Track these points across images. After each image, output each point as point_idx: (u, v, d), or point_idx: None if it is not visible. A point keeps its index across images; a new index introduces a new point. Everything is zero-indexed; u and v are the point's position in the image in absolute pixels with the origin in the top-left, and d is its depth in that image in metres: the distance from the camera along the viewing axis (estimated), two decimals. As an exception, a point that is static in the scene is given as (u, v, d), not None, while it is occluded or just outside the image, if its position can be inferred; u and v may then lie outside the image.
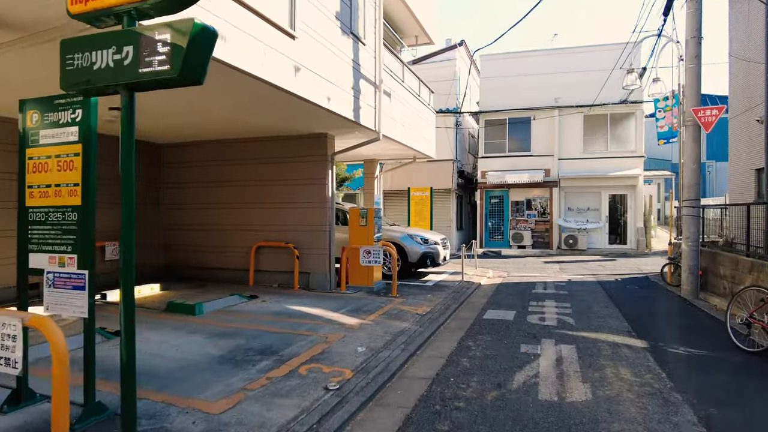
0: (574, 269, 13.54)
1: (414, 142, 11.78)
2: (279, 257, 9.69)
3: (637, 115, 17.87)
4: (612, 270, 13.27)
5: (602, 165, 17.95)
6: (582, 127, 18.39)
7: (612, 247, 18.19)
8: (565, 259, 16.00)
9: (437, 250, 10.92)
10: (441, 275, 11.68)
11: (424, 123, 12.82)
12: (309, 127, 8.90)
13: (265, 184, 9.92)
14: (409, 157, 13.57)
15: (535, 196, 19.08)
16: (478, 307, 8.18)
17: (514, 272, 13.04)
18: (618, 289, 10.04)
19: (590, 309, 7.93)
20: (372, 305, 7.88)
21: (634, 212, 17.94)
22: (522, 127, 19.13)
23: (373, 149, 11.91)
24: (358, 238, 9.33)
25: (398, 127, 10.39)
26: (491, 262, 15.65)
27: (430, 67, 20.08)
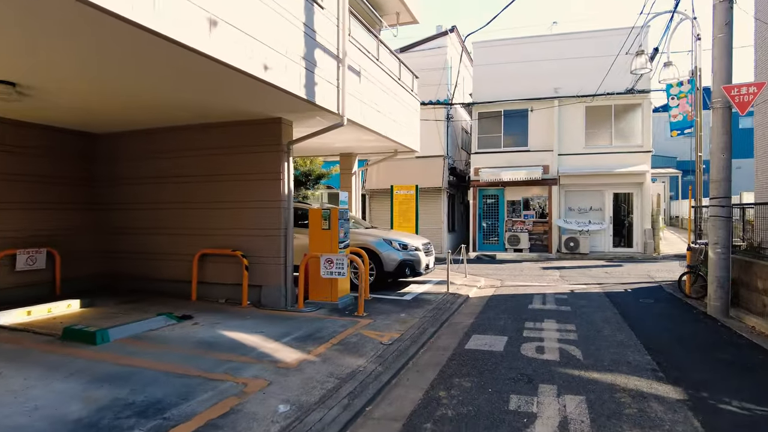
0: (577, 277, 11.99)
1: (394, 133, 10.22)
2: (227, 267, 8.11)
3: (644, 107, 16.34)
4: (619, 278, 11.73)
5: (606, 161, 16.41)
6: (584, 119, 16.85)
7: (617, 250, 16.65)
8: (565, 265, 14.45)
9: (418, 257, 9.36)
10: (424, 285, 10.11)
11: (407, 112, 11.25)
12: (259, 110, 7.34)
13: (209, 180, 8.35)
14: (390, 150, 12.00)
15: (532, 195, 17.53)
16: (461, 330, 6.61)
17: (509, 281, 11.48)
18: (630, 304, 8.48)
19: (600, 333, 6.37)
20: (328, 330, 6.31)
21: (640, 212, 16.40)
22: (518, 120, 17.58)
23: (345, 140, 10.35)
24: (320, 244, 7.77)
25: (371, 113, 8.83)
26: (484, 268, 14.09)
27: (418, 55, 18.53)
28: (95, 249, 9.26)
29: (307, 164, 13.68)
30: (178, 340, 5.82)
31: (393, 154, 12.16)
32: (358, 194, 12.68)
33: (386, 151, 12.21)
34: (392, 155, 12.23)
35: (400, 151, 12.20)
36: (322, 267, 7.48)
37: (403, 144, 11.20)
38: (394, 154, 12.09)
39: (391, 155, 12.26)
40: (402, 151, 12.16)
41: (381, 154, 12.66)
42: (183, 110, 7.38)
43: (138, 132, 8.89)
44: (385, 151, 12.24)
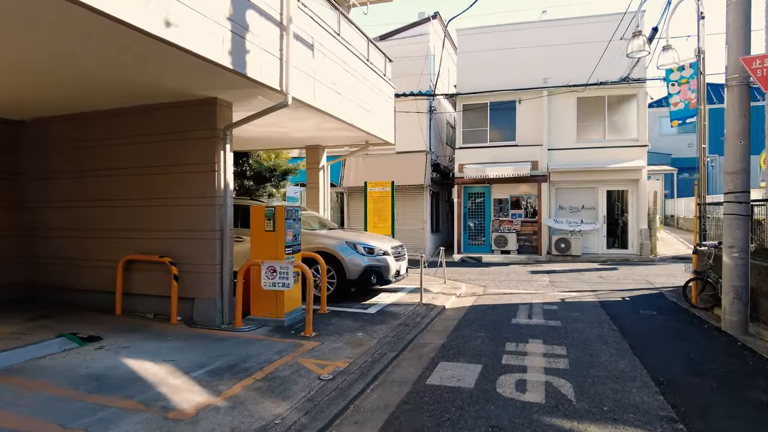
0: (568, 283, 10.82)
1: (362, 121, 8.99)
2: (155, 276, 6.83)
3: (639, 98, 15.22)
4: (615, 283, 10.57)
5: (599, 156, 15.28)
6: (575, 111, 15.71)
7: (611, 252, 15.53)
8: (556, 268, 13.29)
9: (386, 263, 8.11)
10: (395, 295, 8.88)
11: (379, 99, 10.02)
12: (187, 87, 6.07)
13: (135, 173, 7.06)
14: (360, 142, 10.76)
15: (521, 192, 16.37)
16: (427, 354, 5.39)
17: (493, 287, 10.28)
18: (629, 317, 7.31)
19: (596, 358, 5.18)
20: (259, 357, 5.06)
21: (636, 211, 15.29)
22: (505, 112, 16.41)
23: (305, 129, 9.11)
24: (263, 249, 6.51)
25: (329, 95, 7.58)
26: (467, 272, 12.89)
27: (399, 43, 17.31)
28: (15, 254, 7.93)
29: (271, 159, 12.39)
30: (62, 372, 4.54)
31: (364, 147, 10.92)
32: (326, 191, 11.44)
33: (357, 144, 10.97)
34: (364, 148, 10.99)
35: (373, 144, 10.97)
36: (263, 276, 6.22)
37: (375, 135, 9.97)
38: (366, 146, 10.84)
39: (363, 148, 11.02)
40: (376, 144, 10.94)
41: (351, 146, 11.41)
42: (100, 90, 6.10)
43: (61, 118, 7.57)
44: (355, 143, 11.00)
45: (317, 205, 11.11)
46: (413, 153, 16.79)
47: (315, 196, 11.14)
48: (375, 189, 11.99)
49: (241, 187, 12.41)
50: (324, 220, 9.98)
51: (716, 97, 26.96)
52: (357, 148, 11.26)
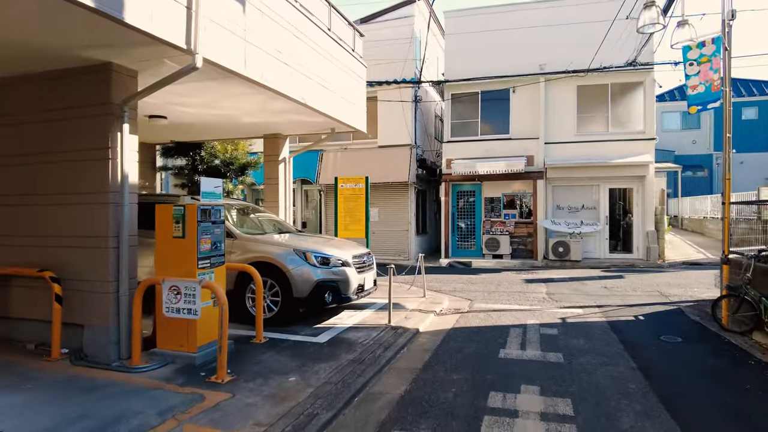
0: (568, 294, 9.29)
1: (322, 102, 7.43)
2: (40, 295, 5.23)
3: (646, 85, 13.72)
4: (623, 296, 9.06)
5: (601, 150, 13.77)
6: (575, 101, 14.19)
7: (613, 256, 14.03)
8: (553, 276, 11.76)
9: (345, 276, 6.53)
10: (361, 313, 7.33)
11: (346, 78, 8.45)
12: (62, 45, 4.47)
13: (5, 164, 5.46)
14: (325, 130, 9.20)
15: (515, 191, 14.84)
16: (376, 417, 3.83)
17: (481, 301, 8.74)
18: (650, 347, 5.78)
19: (616, 422, 3.63)
20: (132, 422, 3.48)
21: (642, 211, 13.79)
22: (498, 102, 14.87)
23: (252, 112, 7.54)
24: (170, 262, 4.94)
25: (271, 64, 6.00)
26: (454, 280, 11.34)
27: (381, 26, 15.74)
28: None
29: (228, 150, 10.79)
30: None
31: (329, 135, 9.35)
32: (288, 188, 9.86)
33: (320, 131, 9.39)
34: (328, 136, 9.42)
35: (341, 132, 9.42)
36: (164, 299, 4.65)
37: (341, 121, 8.41)
38: (331, 134, 9.27)
39: (328, 137, 9.45)
40: (343, 131, 9.38)
41: (314, 135, 9.84)
42: None
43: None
44: (318, 131, 9.42)
45: (276, 205, 9.54)
46: (397, 147, 15.23)
47: (274, 194, 9.57)
48: (346, 186, 10.42)
49: (192, 183, 10.80)
50: (281, 223, 8.39)
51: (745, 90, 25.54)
52: (321, 135, 9.67)
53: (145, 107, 7.04)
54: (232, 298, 6.23)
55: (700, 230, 19.78)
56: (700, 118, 25.44)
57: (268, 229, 7.66)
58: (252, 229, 7.40)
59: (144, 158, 10.46)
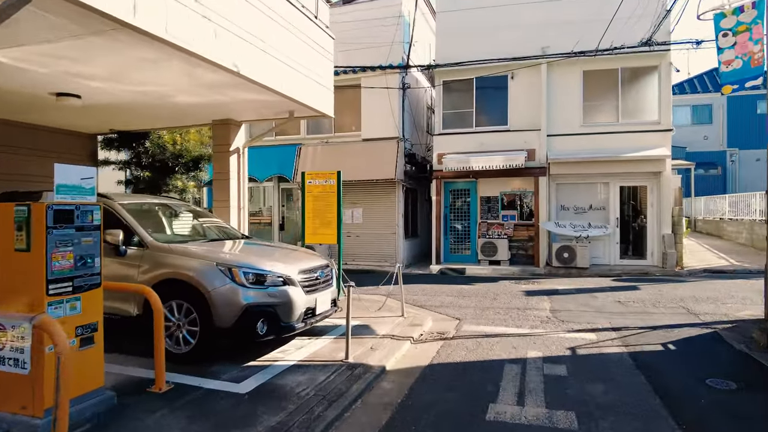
0: (576, 311, 7.74)
1: (267, 74, 5.91)
2: None
3: (661, 70, 12.16)
4: (643, 314, 7.50)
5: (611, 143, 12.22)
6: (581, 88, 12.65)
7: (625, 263, 12.47)
8: (557, 286, 10.22)
9: (286, 299, 4.96)
10: (315, 342, 5.78)
11: (305, 49, 6.92)
12: None
13: None
14: (282, 114, 7.66)
15: (514, 189, 13.29)
16: None
17: (471, 321, 7.19)
18: (697, 399, 4.24)
19: None
20: None
21: (657, 211, 12.23)
22: (495, 89, 13.33)
23: (170, 84, 6.01)
24: (11, 284, 3.40)
25: (176, 11, 4.45)
26: (443, 291, 9.79)
27: (365, 7, 14.20)
28: None
29: (177, 141, 9.25)
30: None
31: (286, 120, 7.82)
32: (242, 183, 8.33)
33: (277, 116, 7.85)
34: (286, 121, 7.87)
35: (302, 117, 7.90)
36: (-23, 346, 3.09)
37: (300, 101, 6.88)
38: (290, 119, 7.74)
39: (284, 122, 7.90)
40: (305, 116, 7.85)
41: (270, 120, 8.29)
42: None
43: None
44: (275, 115, 7.88)
45: (227, 204, 8.00)
46: (382, 140, 13.68)
47: (224, 192, 8.04)
48: (315, 182, 8.87)
49: (139, 180, 9.26)
50: (225, 228, 6.81)
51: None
52: (278, 121, 8.13)
53: (40, 80, 5.52)
54: (140, 325, 4.71)
55: (716, 233, 18.20)
56: (713, 112, 23.88)
57: (203, 235, 6.13)
58: (178, 235, 5.86)
59: (81, 150, 8.97)
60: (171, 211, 6.25)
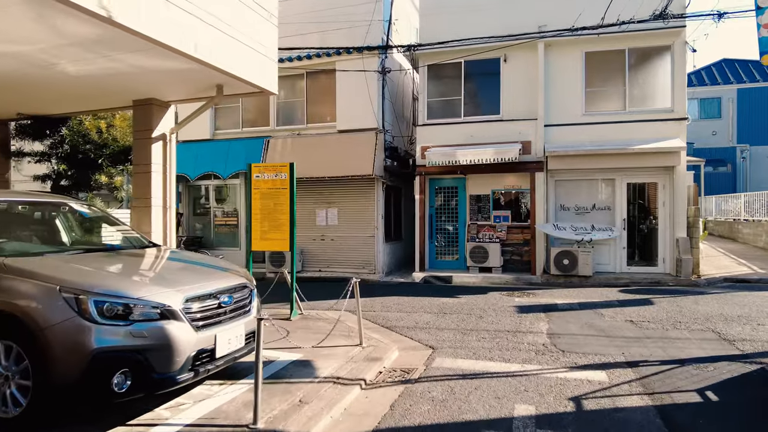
0: (579, 336, 6.24)
1: (173, 33, 4.39)
2: None
3: (675, 50, 10.66)
4: (663, 338, 6.00)
5: (617, 134, 10.73)
6: (582, 71, 11.14)
7: (633, 270, 10.97)
8: (557, 300, 8.71)
9: (163, 339, 3.40)
10: (231, 390, 4.25)
11: (235, 4, 5.38)
12: None
13: None
14: (206, 86, 6.12)
15: (507, 186, 11.78)
16: None
17: (448, 350, 5.68)
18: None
19: None
20: None
21: (670, 212, 10.73)
22: (486, 74, 11.83)
23: (33, 40, 4.44)
24: None
25: None
26: (421, 306, 8.28)
27: (341, -18, 12.66)
28: None
29: (102, 129, 7.69)
30: None
31: (214, 99, 6.25)
32: (170, 177, 6.80)
33: (207, 94, 6.32)
34: (213, 100, 6.31)
35: (241, 94, 6.36)
36: None
37: (228, 71, 5.38)
38: (219, 96, 6.17)
39: (211, 101, 6.34)
40: (242, 93, 6.33)
41: (196, 101, 6.74)
42: None
43: None
44: (204, 93, 6.35)
45: (147, 204, 6.47)
46: (360, 132, 12.15)
47: (144, 188, 6.51)
48: (264, 176, 7.34)
49: (59, 175, 7.71)
50: (131, 235, 5.26)
51: (746, 75, 22.49)
52: (201, 100, 6.58)
53: None
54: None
55: (730, 235, 16.71)
56: (722, 106, 22.38)
57: (84, 245, 4.60)
58: (44, 246, 4.33)
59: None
60: (47, 213, 4.71)
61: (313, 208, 12.76)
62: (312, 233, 12.73)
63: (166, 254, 4.77)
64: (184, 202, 14.47)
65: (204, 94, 6.35)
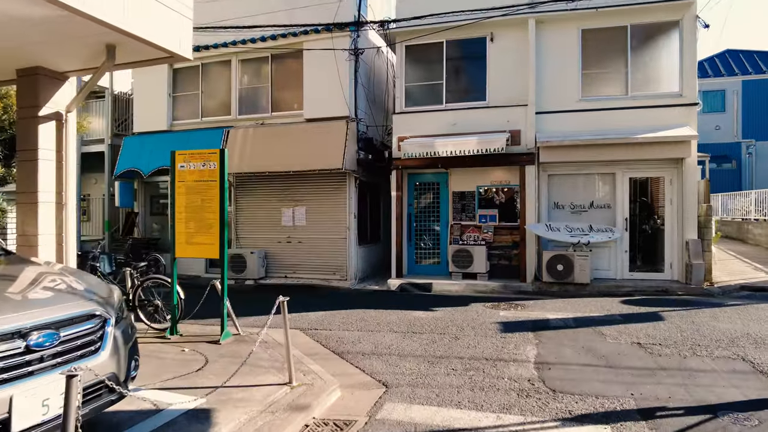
0: (577, 368, 4.94)
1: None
2: None
3: (684, 26, 9.38)
4: (680, 369, 4.71)
5: (618, 121, 9.44)
6: (579, 52, 9.85)
7: (636, 277, 9.68)
8: (549, 314, 7.40)
9: None
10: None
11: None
12: None
13: None
14: (97, 48, 4.74)
15: (494, 181, 10.47)
16: None
17: (402, 393, 4.36)
18: None
19: None
20: None
21: (679, 210, 9.45)
22: (471, 56, 10.52)
23: None
24: None
25: None
26: (389, 323, 6.95)
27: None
28: None
29: None
30: None
31: (103, 67, 4.85)
32: (68, 166, 5.41)
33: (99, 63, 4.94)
34: (102, 69, 4.90)
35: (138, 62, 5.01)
36: None
37: (115, 25, 4.06)
38: (110, 62, 4.76)
39: (100, 69, 4.93)
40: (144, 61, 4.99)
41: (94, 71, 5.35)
42: None
43: None
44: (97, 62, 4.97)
45: (34, 200, 5.12)
46: (329, 121, 10.80)
47: (29, 180, 5.15)
48: (189, 166, 5.99)
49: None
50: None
51: (751, 66, 21.27)
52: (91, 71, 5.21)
53: None
54: None
55: (739, 236, 15.46)
56: (726, 99, 21.15)
57: None
58: None
59: None
60: None
61: (278, 207, 11.42)
62: (277, 234, 11.38)
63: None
64: (140, 201, 13.11)
65: (87, 56, 4.97)
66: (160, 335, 6.14)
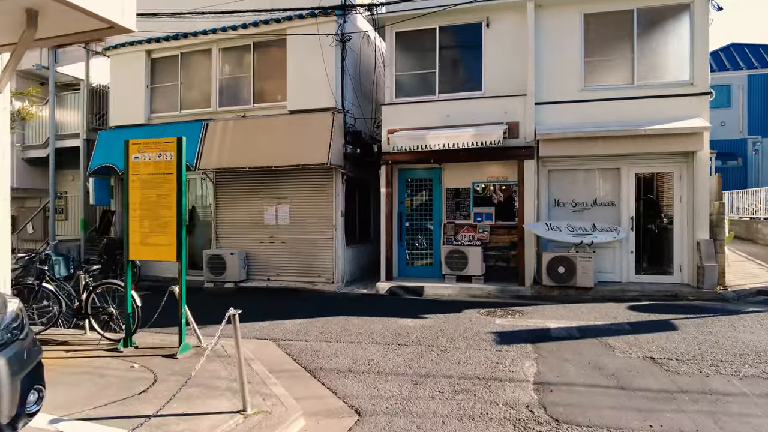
0: (583, 392, 4.26)
1: None
2: None
3: (695, 8, 8.70)
4: (703, 394, 4.03)
5: (623, 112, 8.75)
6: (581, 38, 9.15)
7: (643, 280, 9.00)
8: (550, 322, 6.72)
9: None
10: None
11: None
12: None
13: None
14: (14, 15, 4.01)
15: (490, 177, 9.77)
16: None
17: (377, 422, 3.67)
18: None
19: None
20: None
21: (689, 208, 8.77)
22: (466, 43, 9.82)
23: None
24: None
25: None
26: (372, 333, 6.26)
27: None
28: None
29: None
30: None
31: (23, 38, 4.13)
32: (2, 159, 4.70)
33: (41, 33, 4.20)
34: (22, 42, 4.17)
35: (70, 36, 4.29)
36: None
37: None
38: (29, 29, 4.04)
39: (21, 42, 4.20)
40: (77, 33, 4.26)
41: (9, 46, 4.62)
42: None
43: None
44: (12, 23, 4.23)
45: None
46: (314, 113, 10.10)
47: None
48: (143, 158, 5.29)
49: None
50: None
51: (757, 60, 20.60)
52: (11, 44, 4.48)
53: None
54: None
55: (748, 236, 14.80)
56: (731, 94, 20.48)
57: None
58: None
59: None
60: None
61: (260, 205, 10.71)
62: (259, 234, 10.68)
63: None
64: (117, 198, 12.40)
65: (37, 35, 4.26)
66: (113, 347, 5.44)
